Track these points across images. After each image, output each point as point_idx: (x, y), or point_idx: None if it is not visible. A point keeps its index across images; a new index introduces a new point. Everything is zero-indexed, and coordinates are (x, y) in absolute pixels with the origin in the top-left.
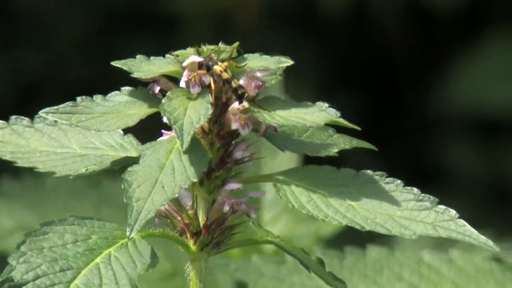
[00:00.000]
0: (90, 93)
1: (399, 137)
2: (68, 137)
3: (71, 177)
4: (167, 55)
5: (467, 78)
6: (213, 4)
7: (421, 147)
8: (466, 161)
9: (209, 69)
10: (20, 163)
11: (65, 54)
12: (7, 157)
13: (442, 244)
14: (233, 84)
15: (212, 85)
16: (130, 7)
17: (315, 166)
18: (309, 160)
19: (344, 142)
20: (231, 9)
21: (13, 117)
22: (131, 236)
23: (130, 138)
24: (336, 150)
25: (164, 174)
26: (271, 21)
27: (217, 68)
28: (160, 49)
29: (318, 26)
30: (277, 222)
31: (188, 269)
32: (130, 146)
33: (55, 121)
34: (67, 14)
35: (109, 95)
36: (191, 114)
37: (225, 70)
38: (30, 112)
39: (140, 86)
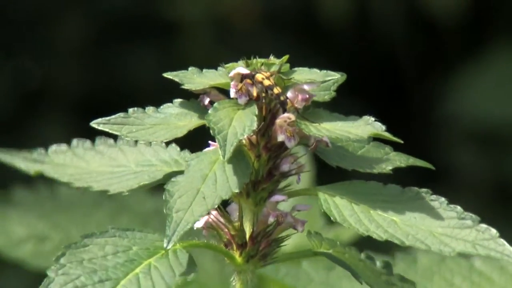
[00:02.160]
0: (90, 100)
1: (403, 142)
2: (127, 156)
3: (123, 194)
4: (219, 68)
5: (471, 86)
6: (213, 10)
7: (425, 152)
8: (470, 167)
9: (252, 78)
10: (77, 184)
11: (65, 62)
12: (65, 179)
13: None
14: (275, 91)
15: (255, 93)
16: (131, 13)
17: (361, 181)
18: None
19: (400, 160)
20: (231, 15)
21: (75, 140)
22: (168, 247)
23: (186, 153)
24: (390, 168)
25: (206, 185)
26: (272, 27)
27: (259, 76)
28: (161, 55)
29: (319, 32)
30: None
31: (234, 280)
32: (184, 161)
33: (115, 142)
34: (67, 22)
35: (161, 107)
36: (236, 125)
37: (267, 78)
38: (30, 120)
39: (192, 98)
